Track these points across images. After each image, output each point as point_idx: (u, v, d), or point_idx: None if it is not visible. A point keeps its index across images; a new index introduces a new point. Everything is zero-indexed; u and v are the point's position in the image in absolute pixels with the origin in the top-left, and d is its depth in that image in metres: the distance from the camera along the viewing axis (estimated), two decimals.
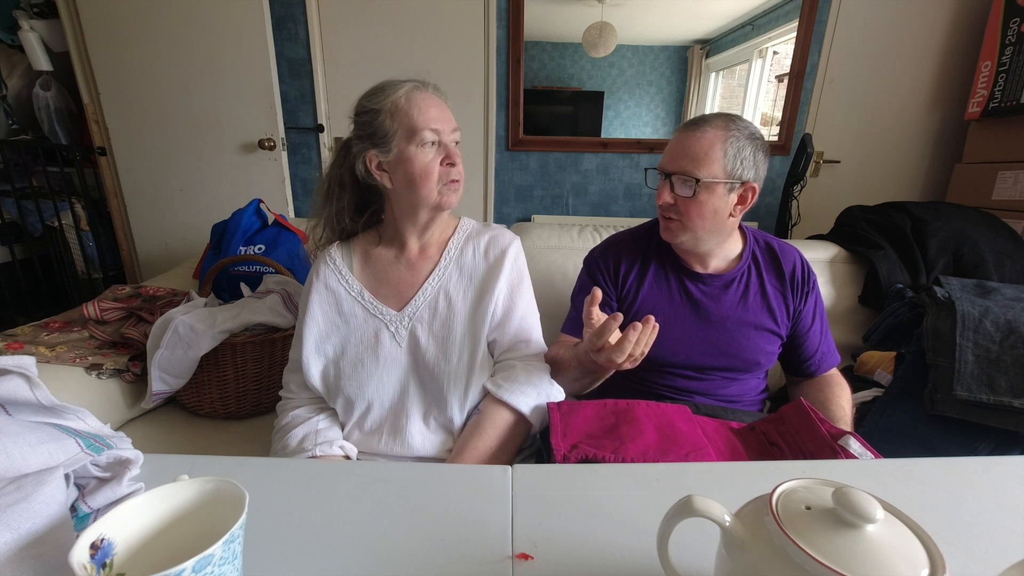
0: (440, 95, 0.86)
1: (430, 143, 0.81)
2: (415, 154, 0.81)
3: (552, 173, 2.37)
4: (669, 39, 2.24)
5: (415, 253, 0.90)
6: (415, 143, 0.80)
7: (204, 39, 1.97)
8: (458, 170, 0.84)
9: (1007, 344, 1.03)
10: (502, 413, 0.82)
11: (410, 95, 0.82)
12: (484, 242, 0.91)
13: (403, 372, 0.86)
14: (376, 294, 0.88)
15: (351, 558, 0.46)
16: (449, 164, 0.82)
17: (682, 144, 0.92)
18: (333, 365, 0.86)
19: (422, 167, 0.81)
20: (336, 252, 0.91)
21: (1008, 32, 1.87)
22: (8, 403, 0.49)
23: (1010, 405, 0.97)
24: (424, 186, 0.82)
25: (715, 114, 0.93)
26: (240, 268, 1.40)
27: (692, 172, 0.90)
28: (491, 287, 0.88)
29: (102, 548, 0.36)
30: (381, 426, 0.86)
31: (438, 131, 0.81)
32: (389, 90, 0.82)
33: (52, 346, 1.10)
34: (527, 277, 0.94)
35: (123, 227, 2.25)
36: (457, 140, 0.85)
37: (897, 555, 0.31)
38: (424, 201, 0.83)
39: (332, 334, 0.87)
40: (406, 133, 0.81)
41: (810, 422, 0.75)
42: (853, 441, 0.71)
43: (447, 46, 2.17)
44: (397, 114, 0.81)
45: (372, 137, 0.83)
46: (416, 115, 0.80)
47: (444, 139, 0.82)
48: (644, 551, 0.47)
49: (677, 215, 0.94)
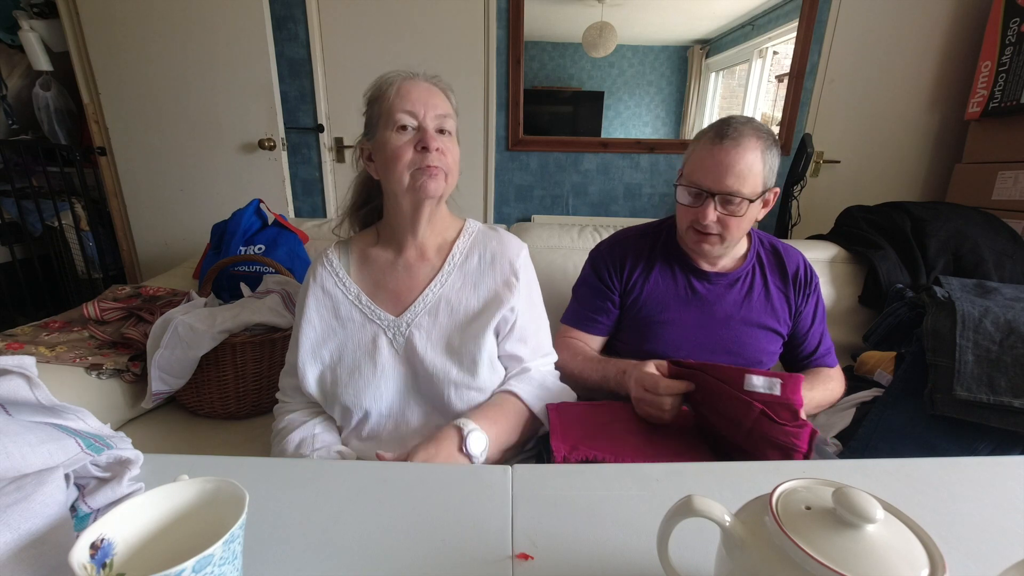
0: (434, 82, 0.83)
1: (403, 126, 0.78)
2: (389, 138, 0.78)
3: (552, 173, 2.37)
4: (669, 39, 2.24)
5: (413, 254, 0.86)
6: (391, 127, 0.78)
7: (204, 39, 1.97)
8: (436, 156, 0.78)
9: (1007, 344, 1.03)
10: (515, 403, 0.83)
11: (397, 82, 0.81)
12: (491, 249, 0.88)
13: (401, 379, 0.83)
14: (374, 298, 0.85)
15: (351, 558, 0.46)
16: (423, 148, 0.77)
17: (724, 162, 0.88)
18: (330, 371, 0.83)
19: (393, 150, 0.78)
20: (333, 253, 0.89)
21: (1008, 32, 1.86)
22: (8, 403, 0.49)
23: (1010, 405, 0.97)
24: (395, 170, 0.78)
25: (742, 123, 0.90)
26: (240, 268, 1.40)
27: (740, 192, 0.88)
28: (501, 299, 0.84)
29: (102, 548, 0.36)
30: (379, 434, 0.84)
31: (414, 113, 0.78)
32: (382, 80, 0.82)
33: (52, 346, 1.10)
34: (537, 287, 0.92)
35: (123, 227, 2.24)
36: (444, 128, 0.80)
37: (897, 555, 0.31)
38: (398, 186, 0.79)
39: (329, 339, 0.84)
40: (384, 118, 0.79)
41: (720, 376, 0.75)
42: (755, 377, 0.70)
43: (447, 46, 2.17)
44: (381, 100, 0.80)
45: (366, 128, 0.84)
46: (393, 98, 0.79)
47: (424, 123, 0.78)
48: (644, 551, 0.47)
49: (718, 230, 0.92)
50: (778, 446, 0.68)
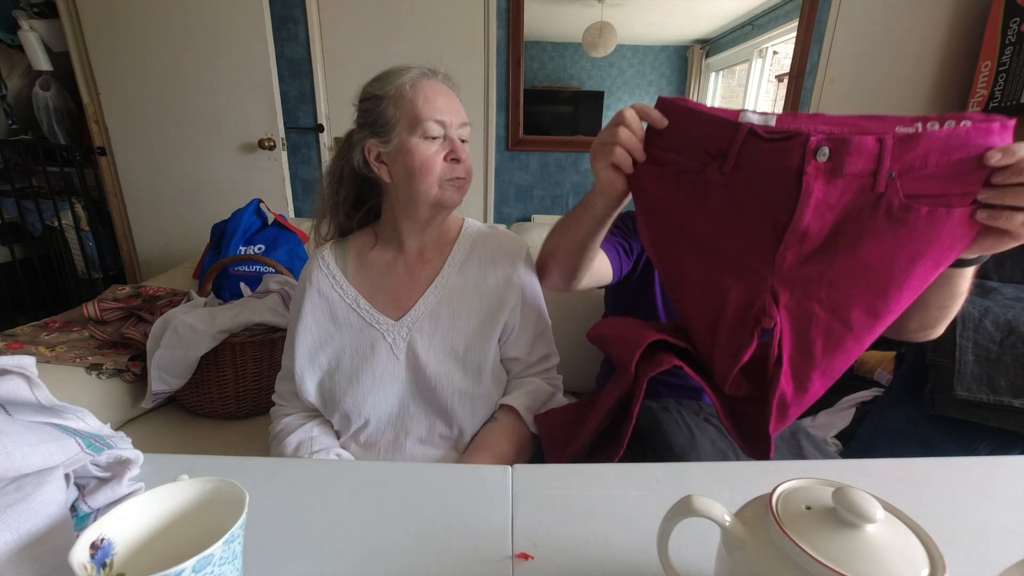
0: (451, 85, 0.80)
1: (433, 136, 0.75)
2: (416, 146, 0.74)
3: (552, 173, 2.37)
4: (669, 39, 2.24)
5: (413, 256, 0.84)
6: (418, 134, 0.74)
7: (204, 39, 1.97)
8: (464, 167, 0.78)
9: (1007, 344, 1.03)
10: (516, 426, 0.81)
11: (416, 82, 0.76)
12: (492, 249, 0.85)
13: (401, 387, 0.81)
14: (372, 301, 0.82)
15: (351, 558, 0.46)
16: (454, 160, 0.76)
17: None
18: (328, 377, 0.81)
19: (423, 160, 0.74)
20: (329, 255, 0.85)
21: (1008, 32, 1.86)
22: (8, 403, 0.49)
23: (1010, 405, 0.97)
24: (424, 181, 0.75)
25: None
26: (240, 268, 1.40)
27: None
28: (504, 302, 0.82)
29: (102, 548, 0.36)
30: (377, 441, 0.82)
31: (444, 123, 0.75)
32: (395, 76, 0.76)
33: (52, 346, 1.10)
34: (538, 285, 0.88)
35: (123, 227, 2.24)
36: (464, 137, 0.79)
37: (897, 555, 0.31)
38: (423, 197, 0.76)
39: (326, 344, 0.81)
40: (409, 123, 0.74)
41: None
42: (750, 113, 0.57)
43: (447, 46, 2.17)
44: (401, 102, 0.75)
45: (373, 125, 0.77)
46: (421, 103, 0.74)
47: (450, 132, 0.76)
48: (644, 551, 0.47)
49: None
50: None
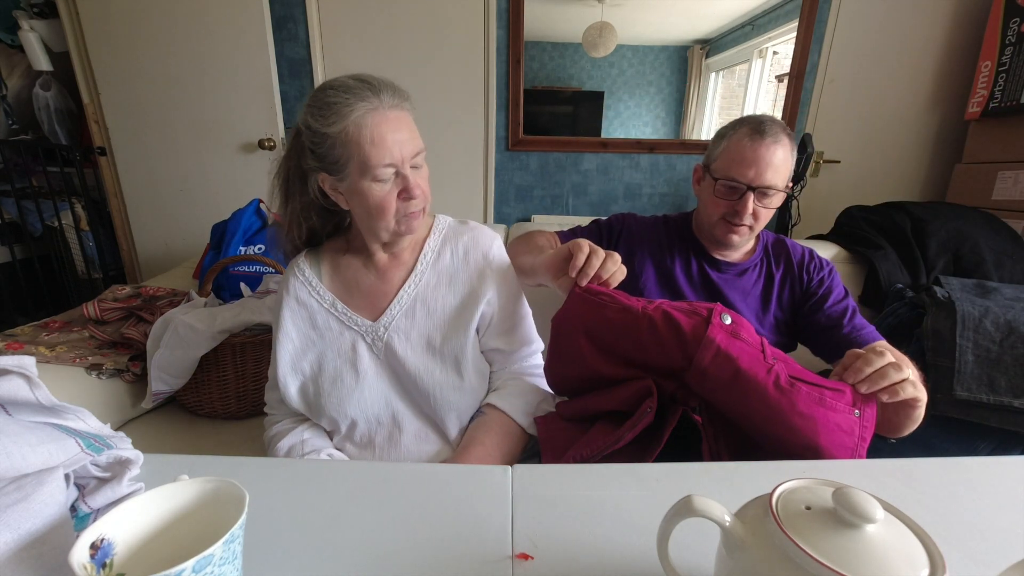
0: (399, 102, 0.75)
1: (384, 180, 0.74)
2: (369, 188, 0.73)
3: (552, 173, 2.37)
4: (669, 39, 2.23)
5: (385, 260, 0.85)
6: (368, 178, 0.73)
7: (204, 39, 1.97)
8: (419, 200, 0.77)
9: (1007, 344, 1.03)
10: (504, 421, 0.82)
11: (361, 121, 0.71)
12: (463, 244, 0.86)
13: (385, 385, 0.82)
14: (349, 304, 0.84)
15: (351, 558, 0.46)
16: (408, 198, 0.75)
17: (765, 158, 0.93)
18: (312, 382, 0.82)
19: (377, 201, 0.74)
20: (304, 263, 0.86)
21: (1008, 32, 1.86)
22: (8, 403, 0.49)
23: (1010, 405, 0.97)
24: (382, 219, 0.76)
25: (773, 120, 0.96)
26: (240, 268, 1.40)
27: (777, 185, 0.94)
28: (478, 294, 0.83)
29: (102, 548, 0.36)
30: (373, 440, 0.83)
31: (394, 163, 0.73)
32: (337, 114, 0.71)
33: (52, 346, 1.10)
34: (514, 276, 0.89)
35: (123, 227, 2.24)
36: (418, 164, 0.77)
37: (897, 555, 0.31)
38: (383, 229, 0.78)
39: (308, 350, 0.83)
40: (359, 166, 0.72)
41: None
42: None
43: (447, 46, 2.17)
44: (348, 145, 0.72)
45: (323, 160, 0.74)
46: (368, 148, 0.71)
47: (403, 170, 0.74)
48: (644, 551, 0.47)
49: (751, 222, 0.97)
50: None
